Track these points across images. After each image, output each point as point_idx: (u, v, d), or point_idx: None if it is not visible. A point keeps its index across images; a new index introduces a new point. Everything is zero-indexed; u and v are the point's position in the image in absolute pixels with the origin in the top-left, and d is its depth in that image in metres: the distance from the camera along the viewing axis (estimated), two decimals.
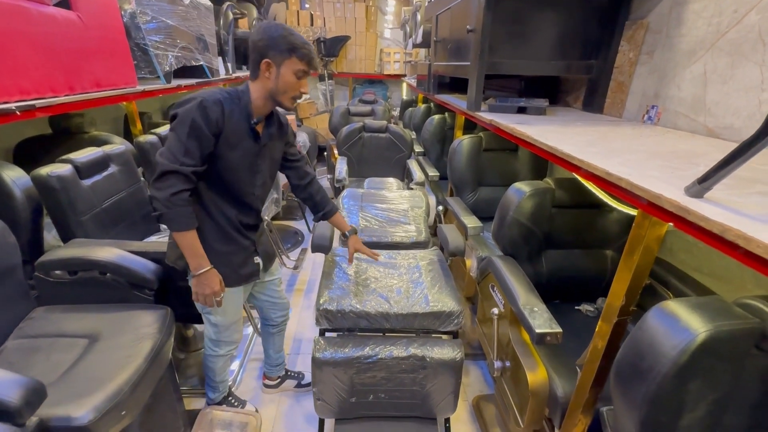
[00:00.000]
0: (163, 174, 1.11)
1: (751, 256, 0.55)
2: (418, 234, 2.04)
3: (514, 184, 1.48)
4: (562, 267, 1.51)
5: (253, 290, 1.58)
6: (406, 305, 1.48)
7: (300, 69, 1.17)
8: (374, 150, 3.11)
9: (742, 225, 0.56)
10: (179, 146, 1.11)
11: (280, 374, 1.87)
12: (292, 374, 1.91)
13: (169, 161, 1.11)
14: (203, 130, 1.12)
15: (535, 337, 1.07)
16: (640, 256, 0.82)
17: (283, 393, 1.89)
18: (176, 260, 1.32)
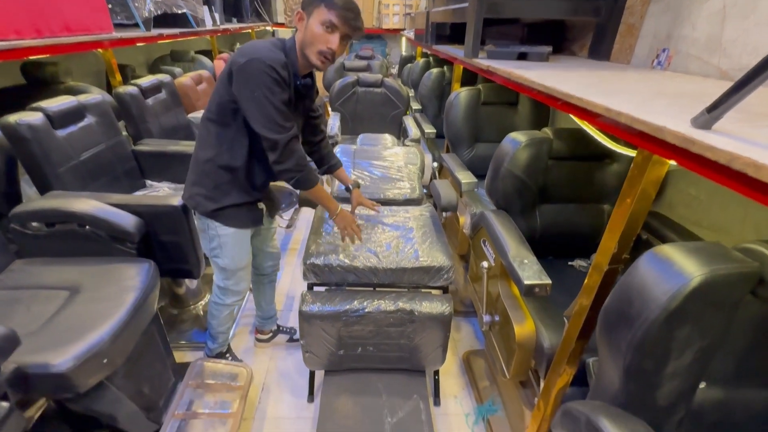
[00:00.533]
0: (281, 147, 1.16)
1: (759, 187, 0.49)
2: (412, 191, 1.98)
3: (509, 134, 1.40)
4: (557, 222, 1.46)
5: (253, 238, 1.57)
6: (395, 260, 1.45)
7: (327, 19, 1.11)
8: (369, 106, 2.98)
9: (752, 153, 0.50)
10: (277, 113, 1.13)
11: (272, 328, 1.89)
12: (284, 329, 1.92)
13: (278, 132, 1.14)
14: (285, 91, 1.14)
15: (524, 289, 1.04)
16: (637, 201, 0.76)
17: (275, 347, 1.91)
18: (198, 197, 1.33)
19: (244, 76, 1.10)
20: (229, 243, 1.38)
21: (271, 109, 1.11)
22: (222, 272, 1.46)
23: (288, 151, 1.19)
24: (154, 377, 1.38)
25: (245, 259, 1.47)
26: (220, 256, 1.40)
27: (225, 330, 1.65)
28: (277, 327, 1.92)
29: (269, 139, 1.16)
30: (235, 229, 1.36)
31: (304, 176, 1.26)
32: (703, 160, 0.56)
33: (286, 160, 1.20)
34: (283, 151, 1.18)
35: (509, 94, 2.18)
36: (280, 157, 1.19)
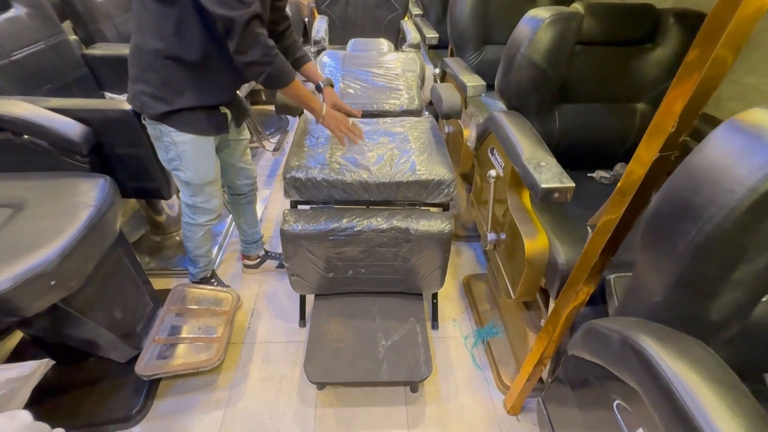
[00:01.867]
0: (240, 29, 0.94)
1: None
2: (410, 101, 1.73)
3: (528, 13, 1.12)
4: (578, 125, 1.24)
5: (219, 152, 1.37)
6: (388, 173, 1.26)
7: None
8: (361, 8, 2.58)
9: None
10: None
11: (259, 253, 1.76)
12: (273, 254, 1.80)
13: (233, 8, 0.91)
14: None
15: (540, 193, 0.86)
16: (722, 46, 0.53)
17: (265, 273, 1.80)
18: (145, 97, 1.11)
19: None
20: (189, 152, 1.18)
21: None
22: (187, 187, 1.28)
23: (250, 34, 0.96)
24: (127, 302, 1.27)
25: (212, 172, 1.29)
26: (180, 168, 1.22)
27: (204, 253, 1.52)
28: (266, 252, 1.79)
29: (223, 17, 0.93)
30: (194, 136, 1.16)
31: (276, 69, 1.05)
32: None
33: (249, 48, 0.98)
34: (243, 34, 0.95)
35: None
36: (240, 44, 0.97)
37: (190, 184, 1.26)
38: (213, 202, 1.36)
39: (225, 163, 1.43)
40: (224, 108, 1.23)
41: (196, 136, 1.16)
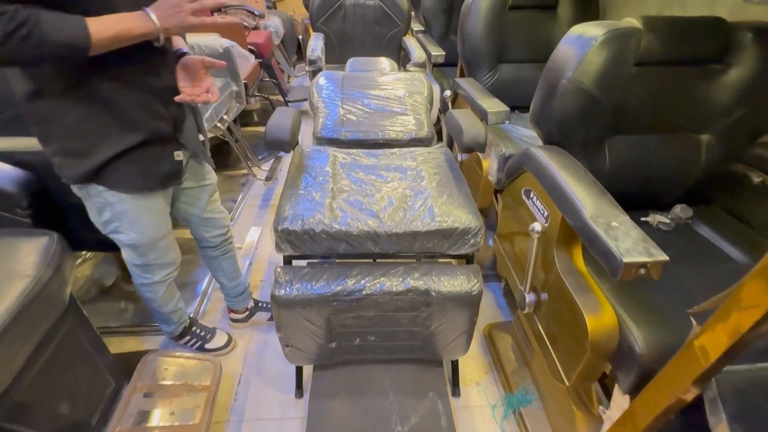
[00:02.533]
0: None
1: None
2: (419, 127, 1.52)
3: (572, 30, 0.93)
4: (631, 160, 1.03)
5: (177, 201, 1.13)
6: (402, 221, 1.04)
7: None
8: (360, 24, 2.39)
9: None
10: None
11: (247, 305, 1.52)
12: (263, 305, 1.56)
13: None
14: None
15: (621, 270, 0.63)
16: None
17: (255, 327, 1.56)
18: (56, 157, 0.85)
19: None
20: (130, 212, 0.95)
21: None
22: (132, 249, 1.04)
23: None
24: (78, 389, 1.02)
25: (163, 227, 1.05)
26: (120, 231, 0.98)
27: (174, 307, 1.28)
28: (255, 303, 1.55)
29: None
30: (134, 195, 0.92)
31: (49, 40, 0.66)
32: None
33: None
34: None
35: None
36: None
37: (136, 245, 1.02)
38: (169, 256, 1.12)
39: (186, 214, 1.18)
40: (178, 151, 0.97)
41: (136, 194, 0.92)
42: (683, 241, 1.00)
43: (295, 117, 1.23)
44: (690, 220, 1.07)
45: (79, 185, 0.90)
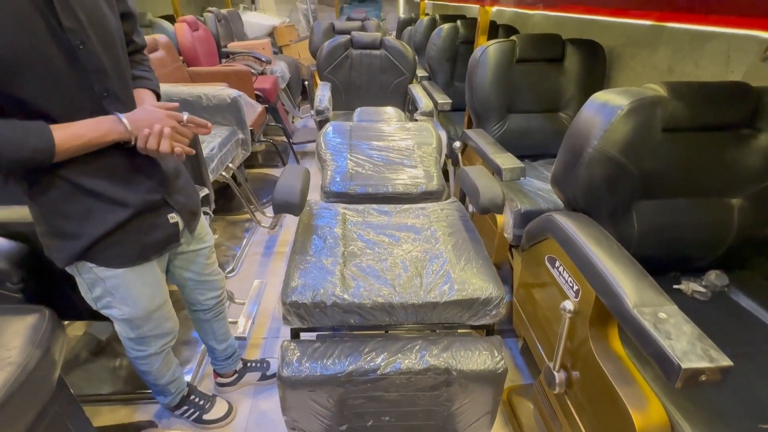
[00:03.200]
0: None
1: None
2: (429, 180, 1.48)
3: (594, 97, 0.89)
4: (661, 225, 0.98)
5: (170, 264, 1.06)
6: (418, 291, 0.97)
7: None
8: (366, 72, 2.42)
9: None
10: None
11: (235, 368, 1.41)
12: (253, 364, 1.45)
13: None
14: None
15: (680, 377, 0.56)
16: None
17: (246, 390, 1.44)
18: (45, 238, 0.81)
19: None
20: (122, 286, 0.88)
21: None
22: (126, 323, 0.96)
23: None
24: None
25: (159, 297, 0.97)
26: (113, 306, 0.91)
27: (171, 378, 1.18)
28: (243, 364, 1.44)
29: None
30: (127, 268, 0.86)
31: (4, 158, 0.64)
32: None
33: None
34: None
35: (553, 48, 1.65)
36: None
37: (130, 320, 0.95)
38: (166, 326, 1.04)
39: (180, 278, 1.11)
40: (172, 213, 0.92)
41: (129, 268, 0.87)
42: (725, 316, 0.93)
43: (304, 178, 1.19)
44: (726, 287, 1.00)
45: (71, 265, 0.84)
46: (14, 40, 0.60)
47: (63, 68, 0.67)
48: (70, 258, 0.80)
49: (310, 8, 4.89)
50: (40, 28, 0.63)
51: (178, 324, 1.12)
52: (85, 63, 0.70)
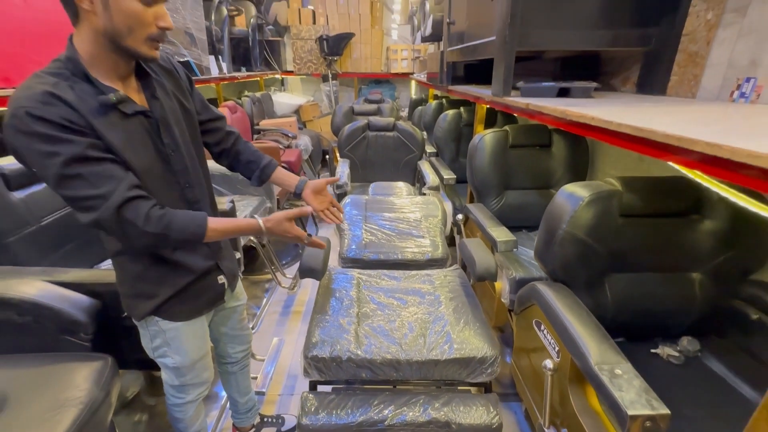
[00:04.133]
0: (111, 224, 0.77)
1: None
2: (434, 249, 1.68)
3: (564, 188, 1.11)
4: (633, 296, 1.13)
5: (210, 321, 1.23)
6: (421, 349, 1.12)
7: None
8: (380, 151, 2.76)
9: None
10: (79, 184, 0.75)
11: (253, 422, 1.51)
12: (270, 420, 1.54)
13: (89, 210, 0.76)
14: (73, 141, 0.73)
15: (626, 422, 0.69)
16: None
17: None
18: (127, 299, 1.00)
19: (13, 149, 0.74)
20: (179, 338, 1.05)
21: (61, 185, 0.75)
22: (173, 371, 1.11)
23: (124, 223, 0.79)
24: None
25: (203, 348, 1.14)
26: (168, 355, 1.07)
27: (198, 428, 1.29)
28: (261, 419, 1.54)
29: (86, 224, 0.79)
30: (185, 322, 1.05)
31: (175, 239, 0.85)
32: None
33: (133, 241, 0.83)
34: (118, 227, 0.79)
35: (541, 136, 1.92)
36: (122, 237, 0.84)
37: (179, 368, 1.10)
38: (204, 375, 1.19)
39: (217, 332, 1.28)
40: (221, 276, 1.11)
41: (185, 321, 1.05)
42: (695, 378, 1.04)
43: (326, 248, 1.40)
44: (699, 352, 1.11)
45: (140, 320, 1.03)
46: (139, 154, 0.86)
47: (162, 168, 0.93)
48: (145, 313, 0.99)
49: (332, 89, 5.52)
50: (150, 144, 0.90)
51: (213, 375, 1.27)
52: (174, 164, 0.96)
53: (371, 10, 5.37)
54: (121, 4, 0.74)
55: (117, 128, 0.81)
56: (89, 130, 0.76)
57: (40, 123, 0.71)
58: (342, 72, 5.56)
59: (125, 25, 0.76)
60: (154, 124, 0.89)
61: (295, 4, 5.36)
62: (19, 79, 1.45)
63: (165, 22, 0.80)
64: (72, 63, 0.77)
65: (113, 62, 0.82)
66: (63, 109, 0.73)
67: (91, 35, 0.78)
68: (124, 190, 0.78)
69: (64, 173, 0.74)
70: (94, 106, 0.77)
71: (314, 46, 5.29)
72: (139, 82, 0.89)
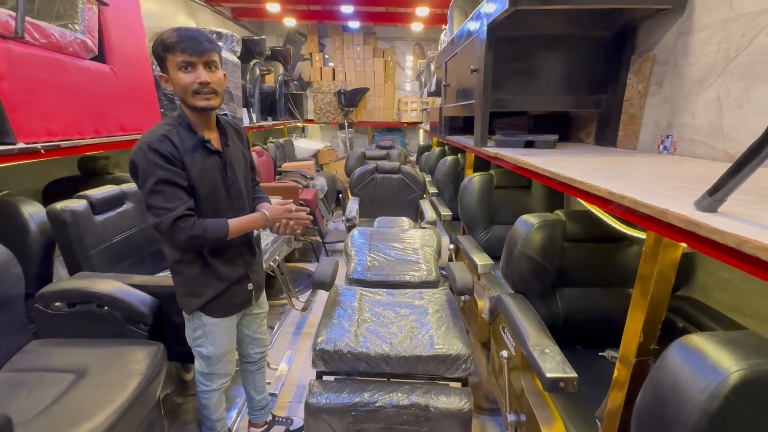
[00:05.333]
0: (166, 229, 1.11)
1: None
2: (428, 273, 1.96)
3: (521, 217, 1.41)
4: (581, 307, 1.38)
5: (238, 323, 1.52)
6: (408, 347, 1.37)
7: (180, 62, 1.10)
8: (387, 190, 3.12)
9: (762, 237, 0.48)
10: (154, 196, 1.11)
11: (266, 419, 1.74)
12: (281, 419, 1.77)
13: (157, 215, 1.11)
14: (168, 169, 1.11)
15: (547, 383, 0.94)
16: (655, 284, 0.72)
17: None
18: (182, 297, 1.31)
19: (134, 167, 1.12)
20: (215, 331, 1.34)
21: (150, 195, 1.11)
22: (205, 360, 1.39)
23: (175, 231, 1.12)
24: None
25: (231, 344, 1.42)
26: (203, 345, 1.35)
27: (220, 416, 1.53)
28: (273, 417, 1.77)
29: (152, 225, 1.14)
30: (220, 318, 1.34)
31: (210, 239, 1.18)
32: (714, 243, 0.54)
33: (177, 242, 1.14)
34: (170, 231, 1.11)
35: (521, 178, 2.25)
36: (171, 239, 1.14)
37: (210, 357, 1.37)
38: (228, 367, 1.46)
39: (241, 334, 1.56)
40: (249, 284, 1.41)
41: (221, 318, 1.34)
42: None
43: (334, 266, 1.71)
44: None
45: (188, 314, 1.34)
46: (208, 183, 1.23)
47: (224, 194, 1.28)
48: (194, 309, 1.29)
49: (347, 136, 6.08)
50: (219, 177, 1.26)
51: (234, 370, 1.54)
52: (232, 193, 1.31)
53: (384, 68, 6.02)
54: (174, 78, 1.13)
55: (198, 164, 1.19)
56: (181, 163, 1.15)
57: (153, 153, 1.09)
58: (357, 121, 6.12)
59: (180, 89, 1.15)
60: (224, 163, 1.26)
61: (317, 64, 6.07)
62: (104, 131, 1.89)
63: (200, 78, 1.13)
64: (181, 118, 1.19)
65: (195, 117, 1.21)
66: (170, 146, 1.12)
67: (180, 101, 1.19)
68: (183, 209, 1.14)
69: (153, 188, 1.11)
70: (189, 146, 1.17)
71: (333, 99, 5.91)
72: (219, 134, 1.27)
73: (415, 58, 6.35)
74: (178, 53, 1.10)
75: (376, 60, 5.95)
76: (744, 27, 1.17)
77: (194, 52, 1.11)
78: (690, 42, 1.38)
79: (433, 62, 3.98)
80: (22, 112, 1.46)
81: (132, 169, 1.14)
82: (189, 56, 1.11)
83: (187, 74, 1.13)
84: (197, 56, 1.12)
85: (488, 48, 1.66)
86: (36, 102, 1.51)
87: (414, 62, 6.37)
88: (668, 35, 1.48)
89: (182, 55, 1.10)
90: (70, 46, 1.69)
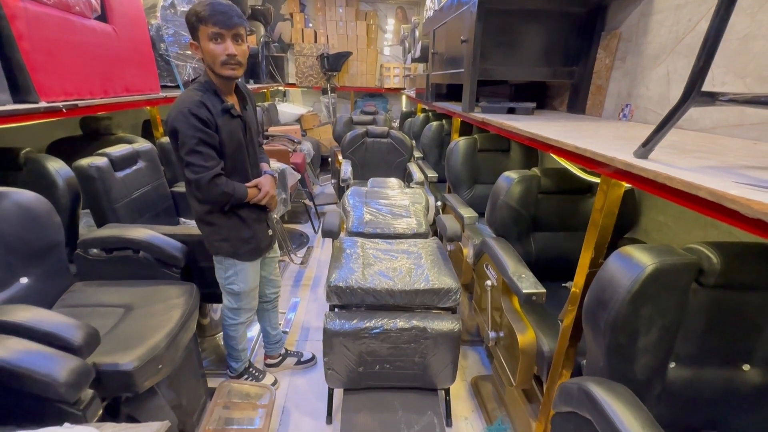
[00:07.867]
0: (203, 186, 1.30)
1: (676, 192, 0.72)
2: (419, 226, 2.20)
3: (504, 173, 1.66)
4: (550, 248, 1.67)
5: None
6: (408, 283, 1.63)
7: (211, 33, 1.21)
8: (376, 154, 3.31)
9: (669, 171, 0.73)
10: (198, 156, 1.28)
11: (280, 352, 2.01)
12: (292, 352, 2.04)
13: (195, 173, 1.28)
14: (206, 132, 1.27)
15: (523, 297, 1.22)
16: (604, 215, 0.98)
17: (293, 372, 2.01)
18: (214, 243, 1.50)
19: (173, 128, 1.26)
20: (245, 271, 1.56)
21: (190, 154, 1.26)
22: (234, 296, 1.61)
23: (213, 189, 1.31)
24: (190, 392, 1.50)
25: (257, 281, 1.65)
26: (234, 283, 1.57)
27: (243, 347, 1.78)
28: (285, 350, 2.04)
29: (188, 179, 1.30)
30: (248, 261, 1.56)
31: (236, 197, 1.38)
32: (642, 179, 0.79)
33: (211, 196, 1.33)
34: (207, 186, 1.30)
35: (502, 142, 2.49)
36: (205, 195, 1.33)
37: (239, 293, 1.60)
38: (253, 303, 1.69)
39: (260, 275, 1.77)
40: (269, 230, 1.63)
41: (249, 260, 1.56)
42: None
43: (339, 218, 1.92)
44: None
45: (220, 257, 1.54)
46: (234, 142, 1.39)
47: (243, 151, 1.45)
48: (227, 253, 1.49)
49: (330, 101, 6.09)
50: (241, 137, 1.42)
51: (256, 307, 1.76)
52: (250, 151, 1.48)
53: (367, 32, 5.98)
54: (205, 48, 1.26)
55: (227, 126, 1.34)
56: (214, 126, 1.29)
57: (193, 117, 1.24)
58: (340, 86, 6.13)
59: (210, 57, 1.28)
60: (243, 125, 1.42)
61: (298, 25, 5.94)
62: (111, 92, 1.96)
63: (229, 50, 1.26)
64: (208, 84, 1.32)
65: (221, 83, 1.35)
66: (205, 112, 1.27)
67: (207, 68, 1.31)
68: (218, 169, 1.32)
69: (194, 148, 1.27)
70: (218, 110, 1.31)
71: (315, 62, 5.86)
72: (238, 99, 1.42)
73: (397, 21, 6.31)
74: (210, 25, 1.22)
75: (359, 23, 5.89)
76: (691, 12, 1.41)
77: (225, 26, 1.23)
78: (649, 23, 1.61)
79: (419, 28, 4.05)
80: (42, 71, 1.53)
81: (172, 130, 1.28)
82: (220, 29, 1.22)
83: (216, 45, 1.25)
84: (227, 29, 1.24)
85: (478, 20, 1.83)
86: (53, 61, 1.58)
87: (396, 26, 6.34)
88: (633, 15, 1.71)
89: (214, 27, 1.22)
90: (77, 5, 1.73)
